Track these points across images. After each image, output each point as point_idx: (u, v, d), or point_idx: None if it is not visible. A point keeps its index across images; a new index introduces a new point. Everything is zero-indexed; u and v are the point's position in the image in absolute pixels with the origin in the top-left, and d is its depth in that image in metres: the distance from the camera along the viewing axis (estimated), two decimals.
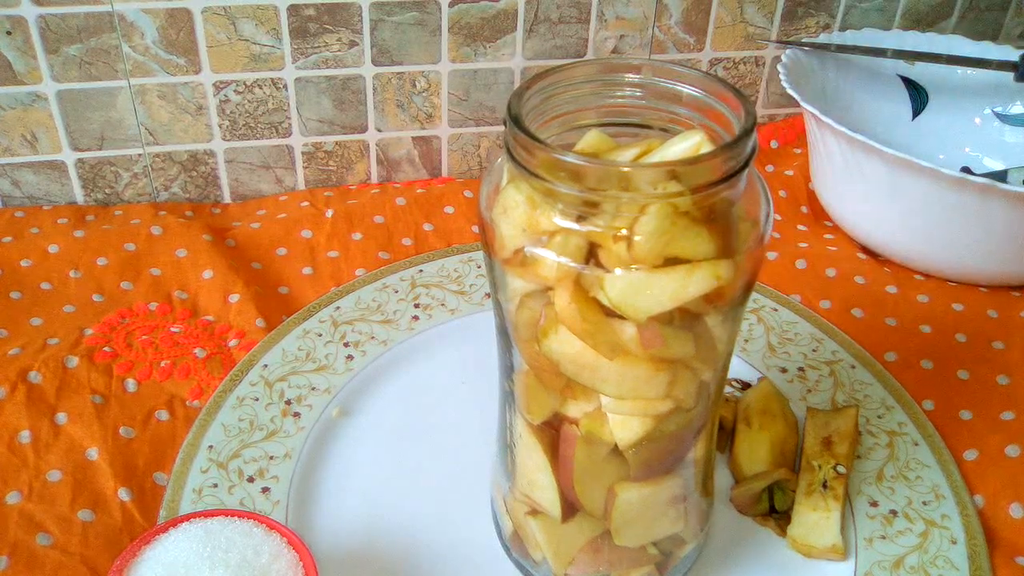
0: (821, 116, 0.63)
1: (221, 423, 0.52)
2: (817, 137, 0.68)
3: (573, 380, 0.37)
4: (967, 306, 0.64)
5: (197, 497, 0.48)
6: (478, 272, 0.65)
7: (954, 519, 0.48)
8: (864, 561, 0.46)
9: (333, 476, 0.51)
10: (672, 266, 0.33)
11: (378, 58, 0.71)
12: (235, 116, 0.71)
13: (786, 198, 0.76)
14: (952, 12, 0.83)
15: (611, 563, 0.42)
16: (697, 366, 0.37)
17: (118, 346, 0.57)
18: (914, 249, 0.66)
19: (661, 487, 0.40)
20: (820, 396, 0.56)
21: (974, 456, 0.53)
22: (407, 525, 0.48)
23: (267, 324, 0.59)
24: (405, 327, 0.60)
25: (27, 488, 0.48)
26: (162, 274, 0.63)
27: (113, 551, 0.45)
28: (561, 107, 0.37)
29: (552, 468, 0.40)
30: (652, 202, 0.32)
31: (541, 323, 0.36)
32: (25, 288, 0.62)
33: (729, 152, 0.33)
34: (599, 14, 0.74)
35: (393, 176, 0.78)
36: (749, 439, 0.51)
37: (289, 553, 0.41)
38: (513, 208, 0.35)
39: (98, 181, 0.72)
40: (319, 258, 0.66)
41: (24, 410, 0.52)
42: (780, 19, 0.79)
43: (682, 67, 0.37)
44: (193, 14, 0.66)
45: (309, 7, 0.68)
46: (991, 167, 0.76)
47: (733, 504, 0.49)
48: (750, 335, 0.60)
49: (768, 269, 0.66)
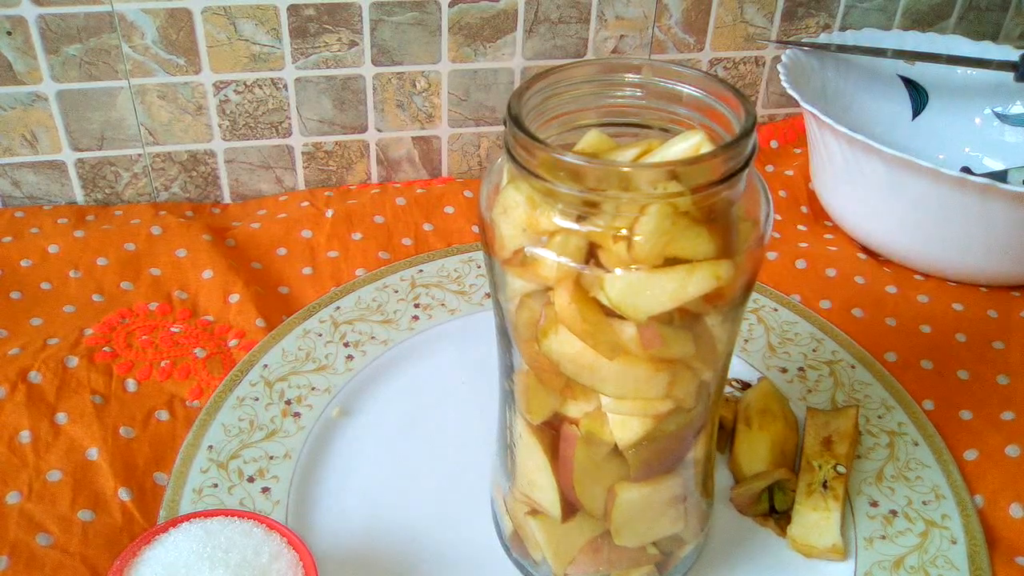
0: (821, 116, 0.63)
1: (221, 423, 0.52)
2: (817, 137, 0.68)
3: (573, 380, 0.37)
4: (967, 306, 0.64)
5: (197, 497, 0.48)
6: (478, 272, 0.65)
7: (954, 519, 0.48)
8: (864, 561, 0.46)
9: (333, 476, 0.51)
10: (672, 266, 0.33)
11: (378, 58, 0.71)
12: (235, 116, 0.71)
13: (786, 198, 0.76)
14: (952, 12, 0.83)
15: (611, 563, 0.42)
16: (697, 366, 0.37)
17: (118, 346, 0.57)
18: (914, 249, 0.66)
19: (661, 487, 0.40)
20: (820, 396, 0.56)
21: (974, 456, 0.53)
22: (407, 525, 0.48)
23: (267, 324, 0.59)
24: (405, 327, 0.60)
25: (27, 488, 0.48)
26: (162, 274, 0.63)
27: (113, 551, 0.45)
28: (561, 107, 0.37)
29: (552, 468, 0.40)
30: (652, 202, 0.32)
31: (541, 323, 0.36)
32: (25, 288, 0.62)
33: (729, 152, 0.33)
34: (599, 14, 0.74)
35: (393, 176, 0.78)
36: (749, 439, 0.51)
37: (289, 553, 0.41)
38: (513, 208, 0.35)
39: (98, 181, 0.72)
40: (319, 258, 0.66)
41: (24, 410, 0.52)
42: (780, 19, 0.79)
43: (682, 67, 0.37)
44: (193, 14, 0.66)
45: (309, 7, 0.68)
46: (991, 167, 0.76)
47: (733, 504, 0.49)
48: (750, 335, 0.60)
49: (768, 269, 0.66)
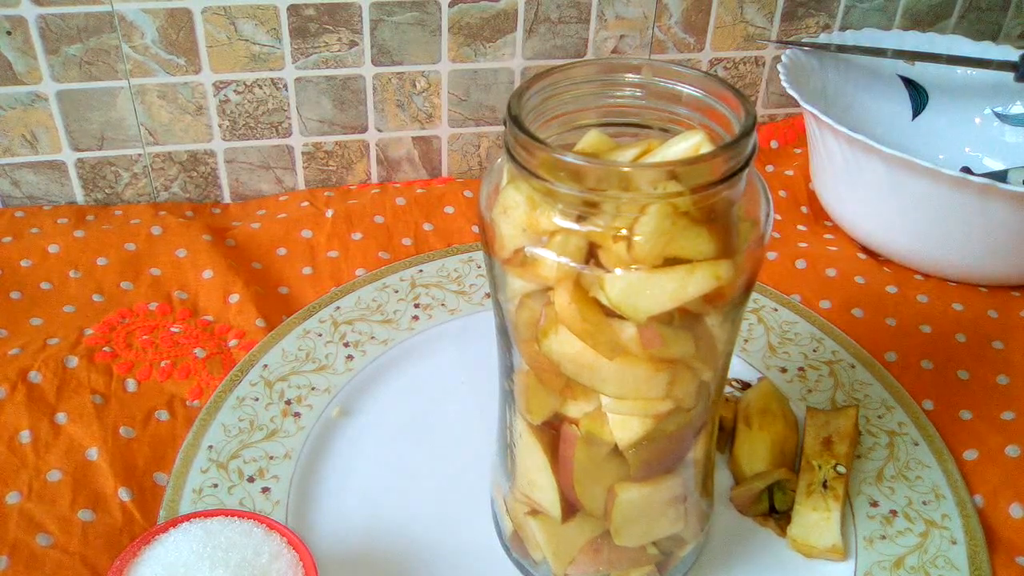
0: (821, 116, 0.63)
1: (221, 423, 0.52)
2: (817, 137, 0.68)
3: (573, 380, 0.37)
4: (967, 306, 0.64)
5: (197, 497, 0.48)
6: (478, 272, 0.65)
7: (954, 519, 0.48)
8: (864, 561, 0.46)
9: (333, 476, 0.51)
10: (672, 266, 0.33)
11: (378, 58, 0.71)
12: (235, 116, 0.71)
13: (786, 198, 0.76)
14: (952, 12, 0.83)
15: (611, 563, 0.42)
16: (697, 366, 0.37)
17: (118, 346, 0.57)
18: (914, 249, 0.66)
19: (661, 487, 0.40)
20: (820, 396, 0.56)
21: (974, 456, 0.53)
22: (407, 525, 0.48)
23: (267, 324, 0.59)
24: (405, 327, 0.60)
25: (27, 488, 0.48)
26: (162, 274, 0.63)
27: (113, 551, 0.45)
28: (561, 107, 0.37)
29: (552, 468, 0.40)
30: (652, 202, 0.32)
31: (541, 323, 0.36)
32: (25, 288, 0.62)
33: (729, 152, 0.33)
34: (599, 14, 0.74)
35: (393, 176, 0.78)
36: (749, 439, 0.51)
37: (289, 553, 0.41)
38: (513, 208, 0.35)
39: (98, 181, 0.72)
40: (319, 258, 0.66)
41: (24, 410, 0.52)
42: (780, 19, 0.79)
43: (682, 67, 0.37)
44: (193, 14, 0.66)
45: (309, 7, 0.68)
46: (991, 167, 0.76)
47: (733, 504, 0.49)
48: (750, 335, 0.60)
49: (768, 269, 0.66)
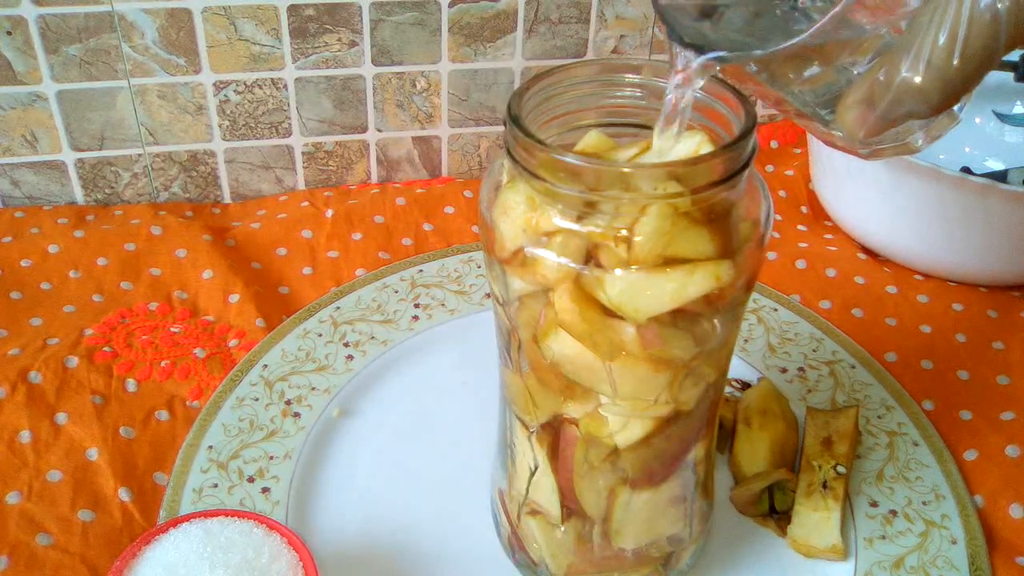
0: None
1: (221, 423, 0.52)
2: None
3: (573, 381, 0.37)
4: (967, 306, 0.64)
5: (197, 497, 0.48)
6: (478, 272, 0.65)
7: (954, 519, 0.48)
8: (864, 561, 0.46)
9: (333, 476, 0.51)
10: (672, 267, 0.33)
11: (378, 58, 0.71)
12: (235, 116, 0.71)
13: (786, 198, 0.76)
14: None
15: (610, 564, 0.42)
16: (697, 366, 0.37)
17: (118, 346, 0.57)
18: (914, 249, 0.66)
19: (661, 488, 0.40)
20: (820, 396, 0.56)
21: (974, 456, 0.53)
22: (407, 525, 0.48)
23: (267, 324, 0.59)
24: (405, 327, 0.60)
25: (27, 488, 0.48)
26: (162, 274, 0.63)
27: (113, 551, 0.45)
28: (561, 107, 0.37)
29: (552, 469, 0.40)
30: (652, 202, 0.32)
31: (541, 324, 0.36)
32: (25, 288, 0.62)
33: (729, 153, 0.33)
34: (599, 14, 0.74)
35: (393, 176, 0.78)
36: (749, 439, 0.51)
37: (289, 553, 0.41)
38: (513, 208, 0.35)
39: (98, 181, 0.72)
40: (319, 258, 0.66)
41: (24, 410, 0.52)
42: None
43: None
44: (193, 14, 0.66)
45: (309, 7, 0.68)
46: (991, 167, 0.76)
47: (733, 504, 0.49)
48: (750, 335, 0.60)
49: (768, 269, 0.66)
